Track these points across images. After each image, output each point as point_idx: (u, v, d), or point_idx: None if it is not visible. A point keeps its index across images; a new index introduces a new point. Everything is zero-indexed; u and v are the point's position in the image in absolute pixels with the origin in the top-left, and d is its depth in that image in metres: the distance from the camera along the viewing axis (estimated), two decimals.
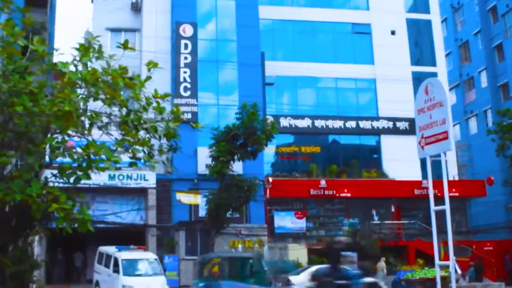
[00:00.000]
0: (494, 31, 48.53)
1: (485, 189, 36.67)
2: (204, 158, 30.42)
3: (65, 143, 11.01)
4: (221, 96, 34.70)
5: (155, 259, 25.53)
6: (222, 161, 28.46)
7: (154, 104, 11.97)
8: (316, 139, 37.46)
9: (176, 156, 33.07)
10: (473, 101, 50.15)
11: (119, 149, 11.50)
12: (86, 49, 11.13)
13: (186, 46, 34.44)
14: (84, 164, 10.69)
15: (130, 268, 24.59)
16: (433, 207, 14.93)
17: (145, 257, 25.58)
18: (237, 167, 31.52)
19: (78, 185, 31.22)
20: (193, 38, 34.61)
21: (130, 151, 12.26)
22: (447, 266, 14.81)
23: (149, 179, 31.54)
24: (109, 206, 32.34)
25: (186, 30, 34.65)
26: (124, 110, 12.22)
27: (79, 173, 10.78)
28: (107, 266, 25.51)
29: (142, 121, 12.23)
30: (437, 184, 36.77)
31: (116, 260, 24.90)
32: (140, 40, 36.09)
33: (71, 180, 10.78)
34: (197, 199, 30.12)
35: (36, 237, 28.15)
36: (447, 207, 14.11)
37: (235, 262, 26.19)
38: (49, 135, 11.14)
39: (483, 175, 38.21)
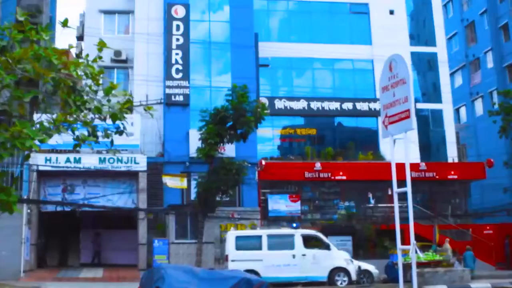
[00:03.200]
0: (500, 10, 47.44)
1: (485, 171, 35.86)
2: (195, 141, 29.98)
3: None
4: (213, 78, 34.22)
5: None
6: (210, 143, 28.14)
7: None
8: (311, 121, 36.87)
9: (168, 139, 32.89)
10: (479, 82, 49.18)
11: (52, 128, 11.00)
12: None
13: (178, 27, 33.94)
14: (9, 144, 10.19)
15: None
16: (395, 189, 14.30)
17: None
18: (230, 150, 31.19)
19: (69, 169, 30.83)
20: (185, 19, 34.08)
21: (72, 132, 11.83)
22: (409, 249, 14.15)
23: (140, 162, 31.21)
24: (101, 190, 32.15)
25: (178, 11, 34.13)
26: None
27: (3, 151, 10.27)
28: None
29: (85, 101, 11.79)
30: (437, 166, 36.46)
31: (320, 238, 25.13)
32: (133, 22, 35.61)
33: None
34: (183, 183, 29.73)
35: (24, 220, 28.13)
36: (408, 189, 13.49)
37: None
38: None
39: (489, 157, 37.38)
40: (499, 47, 47.28)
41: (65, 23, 11.70)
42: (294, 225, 27.60)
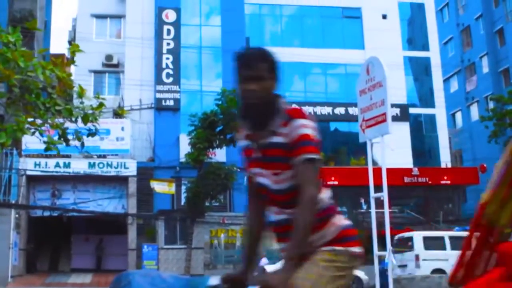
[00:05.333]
0: (496, 15, 47.30)
1: (478, 177, 35.64)
2: (186, 146, 29.84)
3: None
4: (205, 82, 34.09)
5: None
6: (199, 148, 28.00)
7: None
8: None
9: (158, 144, 32.75)
10: (475, 87, 49.00)
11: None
12: None
13: (168, 31, 33.86)
14: None
15: None
16: (372, 194, 14.06)
17: None
18: (221, 155, 31.06)
19: (59, 173, 30.68)
20: (176, 24, 34.01)
21: (40, 134, 11.71)
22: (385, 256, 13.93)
23: (130, 167, 31.11)
24: (91, 195, 32.03)
25: (169, 15, 34.07)
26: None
27: None
28: None
29: (55, 104, 11.66)
30: (430, 171, 36.19)
31: None
32: (125, 26, 35.51)
33: None
34: (172, 188, 29.55)
35: (12, 225, 27.98)
36: (385, 194, 13.26)
37: None
38: None
39: (485, 162, 37.15)
40: (494, 51, 47.12)
41: (33, 26, 11.64)
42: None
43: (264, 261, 24.77)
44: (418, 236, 25.22)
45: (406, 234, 26.06)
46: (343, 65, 36.81)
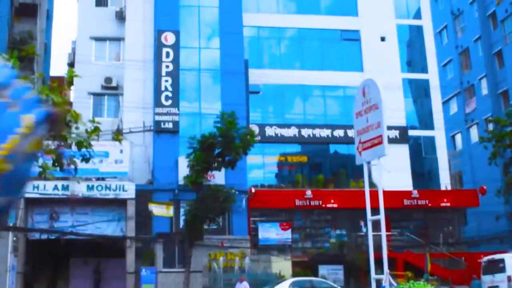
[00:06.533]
0: (494, 37, 47.48)
1: (478, 199, 35.51)
2: (185, 168, 29.77)
3: None
4: (203, 104, 34.10)
5: None
6: (198, 170, 27.92)
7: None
8: (303, 148, 36.65)
9: (157, 166, 32.68)
10: (474, 109, 49.02)
11: None
12: None
13: (167, 54, 33.92)
14: None
15: None
16: (369, 217, 14.01)
17: None
18: (220, 177, 30.99)
19: (57, 196, 30.60)
20: (175, 46, 34.08)
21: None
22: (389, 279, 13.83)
23: (128, 190, 30.99)
24: (89, 218, 31.85)
25: (168, 38, 34.15)
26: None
27: None
28: None
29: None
30: (430, 194, 36.10)
31: None
32: (124, 48, 35.59)
33: None
34: (170, 211, 29.44)
35: (9, 248, 27.84)
36: (381, 217, 13.24)
37: None
38: None
39: (485, 184, 37.05)
40: (493, 73, 47.22)
41: (31, 51, 11.69)
42: None
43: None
44: (509, 258, 25.74)
45: (497, 256, 26.50)
46: (342, 87, 36.85)
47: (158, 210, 29.17)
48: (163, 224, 31.48)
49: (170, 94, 33.39)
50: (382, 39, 38.19)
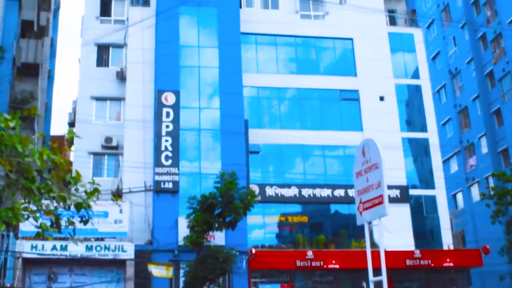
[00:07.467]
0: (492, 96, 47.89)
1: (481, 259, 35.09)
2: (185, 228, 29.59)
3: None
4: (204, 164, 34.08)
5: None
6: (197, 231, 27.73)
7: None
8: (303, 208, 36.46)
9: (157, 226, 32.46)
10: (474, 168, 49.03)
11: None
12: None
13: (168, 114, 34.12)
14: None
15: None
16: (371, 278, 13.81)
17: None
18: (220, 238, 30.79)
19: (55, 256, 30.40)
20: (175, 106, 34.32)
21: (35, 220, 11.59)
22: None
23: (128, 250, 30.73)
24: (88, 278, 31.46)
25: (168, 98, 34.42)
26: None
27: None
28: None
29: (50, 189, 11.63)
30: (433, 254, 35.68)
31: None
32: (124, 108, 35.77)
33: None
34: (169, 272, 29.05)
35: None
36: (384, 278, 13.04)
37: None
38: None
39: (488, 243, 36.70)
40: (492, 132, 47.42)
41: (33, 112, 11.81)
42: None
43: None
44: None
45: None
46: (342, 147, 36.90)
47: (158, 271, 28.79)
48: (162, 285, 31.02)
49: (170, 154, 33.42)
50: (381, 98, 38.43)
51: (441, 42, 55.37)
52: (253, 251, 32.01)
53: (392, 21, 42.10)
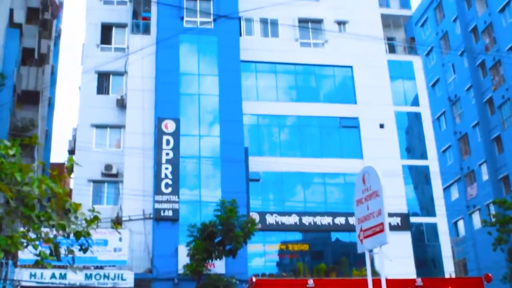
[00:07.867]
0: (492, 123, 47.97)
1: (483, 287, 34.76)
2: (185, 256, 29.51)
3: None
4: (204, 192, 33.99)
5: None
6: (197, 259, 27.65)
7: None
8: (304, 236, 36.28)
9: (157, 255, 32.28)
10: (475, 195, 48.91)
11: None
12: None
13: (168, 142, 34.13)
14: None
15: None
16: None
17: None
18: (220, 266, 30.66)
19: (54, 285, 30.10)
20: (175, 134, 34.35)
21: (34, 248, 11.55)
22: None
23: (127, 279, 30.49)
24: None
25: (168, 125, 34.46)
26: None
27: None
28: None
29: (49, 217, 11.63)
30: (434, 282, 35.37)
31: None
32: (124, 136, 35.78)
33: None
34: None
35: None
36: None
37: None
38: None
39: (490, 271, 36.42)
40: (493, 159, 47.40)
41: (34, 141, 11.87)
42: None
43: None
44: None
45: None
46: (342, 175, 36.82)
47: None
48: None
49: (170, 182, 33.35)
50: (381, 126, 38.45)
51: (441, 69, 55.66)
52: (254, 279, 31.74)
53: (391, 49, 42.29)
